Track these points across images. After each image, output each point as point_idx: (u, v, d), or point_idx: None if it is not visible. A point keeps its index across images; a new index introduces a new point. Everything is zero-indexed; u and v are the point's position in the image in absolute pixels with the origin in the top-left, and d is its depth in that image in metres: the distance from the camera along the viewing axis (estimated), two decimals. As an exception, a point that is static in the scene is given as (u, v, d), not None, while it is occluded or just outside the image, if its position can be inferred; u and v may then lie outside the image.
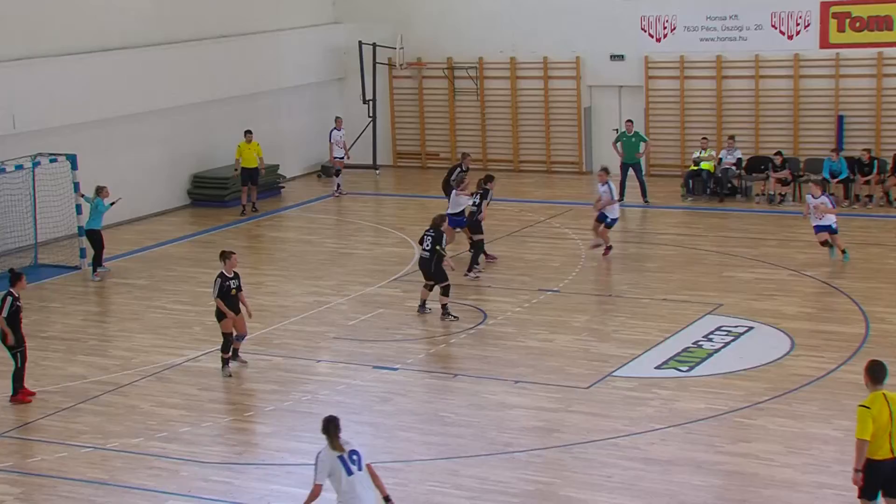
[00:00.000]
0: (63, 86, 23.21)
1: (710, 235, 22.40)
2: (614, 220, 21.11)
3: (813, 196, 19.94)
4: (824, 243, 19.90)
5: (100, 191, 20.83)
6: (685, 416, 13.65)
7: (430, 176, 27.43)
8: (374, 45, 29.76)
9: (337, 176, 27.62)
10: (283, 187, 28.21)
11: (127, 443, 13.48)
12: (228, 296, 15.53)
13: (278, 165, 28.17)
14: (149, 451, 13.18)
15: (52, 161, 21.46)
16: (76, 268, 21.46)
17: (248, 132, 25.61)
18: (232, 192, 26.18)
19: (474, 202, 20.42)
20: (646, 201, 25.15)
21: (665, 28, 27.65)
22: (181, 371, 15.90)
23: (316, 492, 9.73)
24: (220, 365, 15.81)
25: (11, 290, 14.91)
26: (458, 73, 29.80)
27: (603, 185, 21.12)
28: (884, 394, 9.74)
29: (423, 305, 18.00)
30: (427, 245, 17.76)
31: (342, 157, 27.82)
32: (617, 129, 28.29)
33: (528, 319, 17.67)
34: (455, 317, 17.64)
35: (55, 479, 12.56)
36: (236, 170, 25.57)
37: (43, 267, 21.60)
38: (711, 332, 16.62)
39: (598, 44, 28.18)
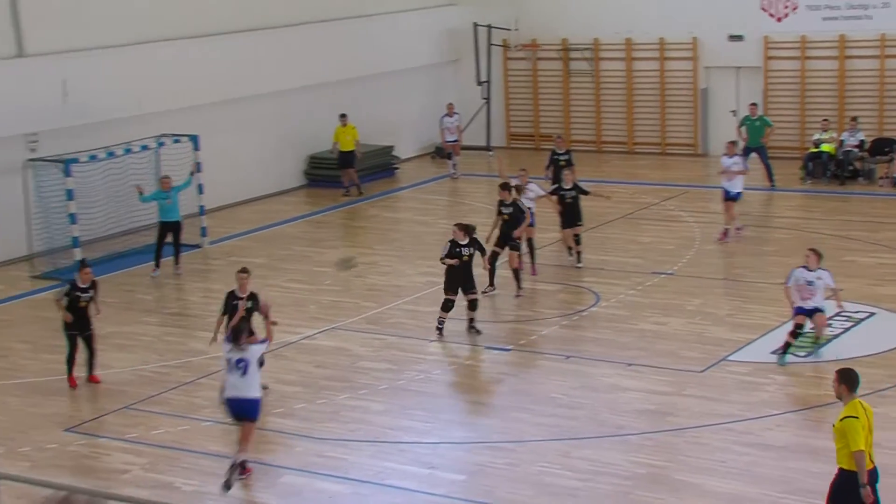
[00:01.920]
0: (185, 69, 23.69)
1: (831, 219, 21.89)
2: (739, 195, 20.65)
3: None
4: None
5: (161, 181, 20.07)
6: (802, 403, 13.40)
7: (543, 157, 27.27)
8: (489, 26, 29.71)
9: (451, 158, 27.67)
10: (398, 168, 28.40)
11: (245, 417, 13.74)
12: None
13: (393, 147, 28.37)
14: (265, 427, 13.43)
15: (175, 141, 21.94)
16: (197, 246, 21.93)
17: (342, 116, 25.64)
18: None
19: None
20: (772, 184, 24.63)
21: (786, 7, 27.01)
22: (297, 349, 16.16)
23: None
24: (333, 343, 16.02)
25: (75, 279, 15.04)
26: (573, 55, 29.58)
27: (731, 156, 20.70)
28: (860, 402, 9.45)
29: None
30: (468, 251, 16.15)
31: (456, 141, 27.85)
32: (734, 111, 27.81)
33: (641, 302, 17.51)
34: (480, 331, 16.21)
35: (177, 451, 12.89)
36: (332, 153, 25.70)
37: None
38: (831, 318, 16.24)
39: (716, 24, 27.68)
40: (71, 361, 14.96)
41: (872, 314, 16.36)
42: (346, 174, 25.76)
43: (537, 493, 11.52)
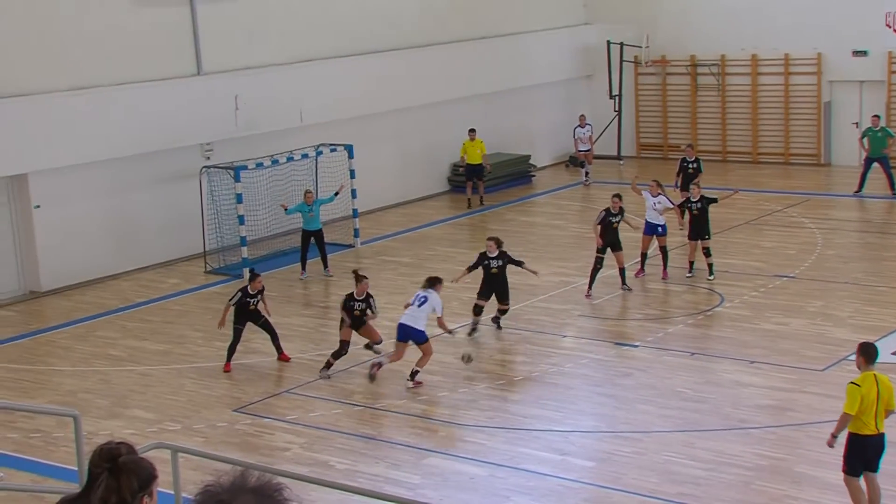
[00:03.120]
0: (341, 84, 24.14)
1: (952, 227, 21.03)
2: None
3: None
4: None
5: (305, 195, 20.21)
6: (921, 403, 12.89)
7: (672, 166, 26.92)
8: (622, 44, 29.46)
9: (583, 167, 27.47)
10: (534, 175, 28.38)
11: (392, 404, 13.97)
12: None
13: (529, 155, 28.37)
14: (411, 412, 13.62)
15: (332, 151, 22.35)
16: (350, 246, 22.33)
17: (471, 130, 25.43)
18: (488, 180, 26.42)
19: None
20: (894, 193, 23.79)
21: (910, 23, 26.05)
22: (438, 341, 16.29)
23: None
24: (473, 337, 16.14)
25: (247, 286, 15.43)
26: (701, 70, 29.10)
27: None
28: (875, 374, 9.91)
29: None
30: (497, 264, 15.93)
31: (588, 150, 27.66)
32: (857, 123, 26.96)
33: (764, 303, 17.15)
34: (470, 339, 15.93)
35: (332, 433, 13.17)
36: (461, 167, 25.49)
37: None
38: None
39: (840, 40, 26.87)
40: (232, 350, 15.42)
41: None
42: (470, 186, 25.51)
43: (663, 481, 11.41)
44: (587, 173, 27.45)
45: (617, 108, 29.87)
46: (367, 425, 13.35)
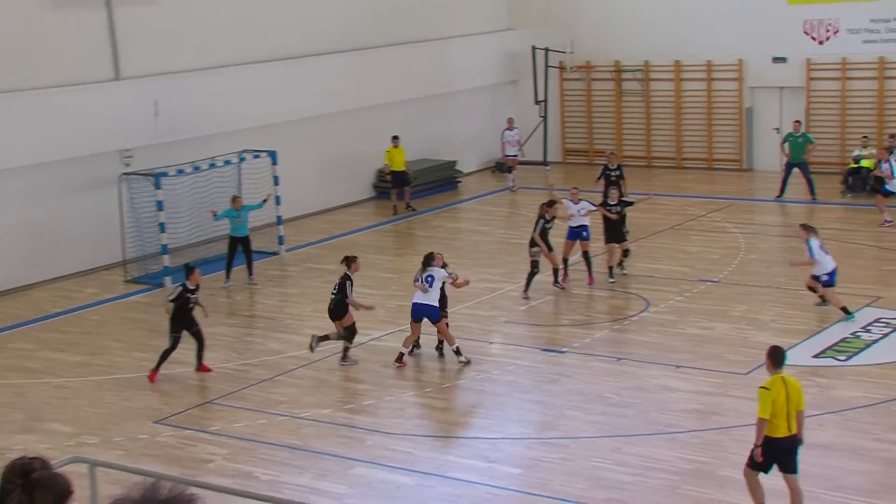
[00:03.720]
0: (265, 90, 23.95)
1: (870, 231, 21.55)
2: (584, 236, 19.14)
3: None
4: None
5: (233, 200, 20.11)
6: (843, 404, 13.21)
7: (597, 171, 27.22)
8: (546, 49, 29.69)
9: (510, 172, 27.63)
10: (460, 182, 28.45)
11: (318, 413, 13.87)
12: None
13: (455, 161, 28.43)
14: (338, 421, 13.54)
15: (255, 157, 22.15)
16: (274, 253, 22.14)
17: (394, 137, 25.40)
18: (414, 186, 26.42)
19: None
20: (814, 198, 24.29)
21: (828, 31, 26.67)
22: (366, 349, 16.25)
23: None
24: (400, 344, 16.11)
25: (185, 282, 15.25)
26: (625, 76, 29.45)
27: (885, 162, 21.36)
28: (783, 377, 10.18)
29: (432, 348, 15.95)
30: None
31: (515, 155, 27.83)
32: (777, 129, 27.53)
33: (689, 308, 17.39)
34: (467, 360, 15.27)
35: (256, 443, 13.03)
36: (387, 174, 25.45)
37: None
38: (870, 324, 16.01)
39: (761, 47, 27.40)
40: (164, 358, 15.12)
41: (910, 321, 16.09)
42: (395, 192, 25.47)
43: (590, 487, 11.49)
44: (513, 179, 27.58)
45: (542, 114, 30.09)
46: (292, 435, 13.23)
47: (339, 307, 15.58)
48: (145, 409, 14.29)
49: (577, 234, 18.98)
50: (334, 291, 15.67)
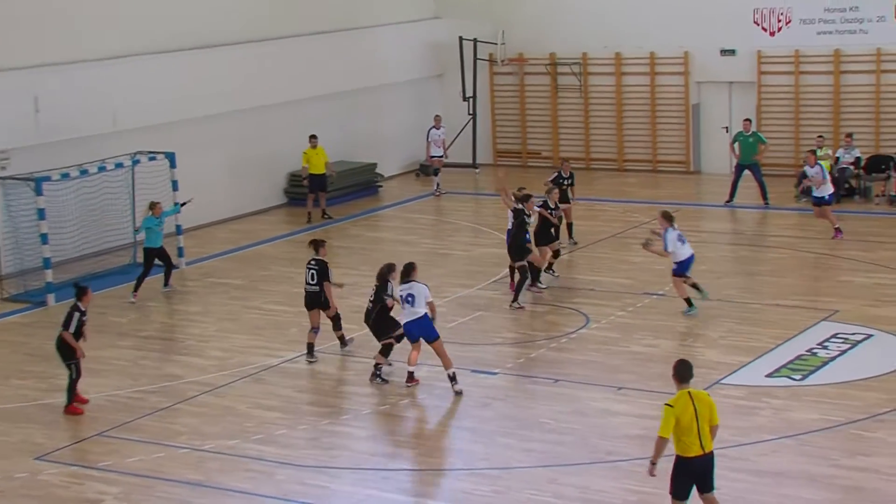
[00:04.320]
0: (162, 84, 23.71)
1: (826, 238, 21.97)
2: (832, 196, 21.76)
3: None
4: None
5: (152, 207, 20.18)
6: (799, 427, 13.43)
7: (532, 175, 27.37)
8: (475, 40, 29.83)
9: (436, 175, 27.71)
10: (381, 186, 28.44)
11: (223, 444, 13.73)
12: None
13: (376, 164, 28.42)
14: (245, 454, 13.40)
15: (151, 159, 21.92)
16: (174, 267, 21.85)
17: (312, 137, 25.33)
18: (331, 191, 26.27)
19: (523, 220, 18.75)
20: (766, 203, 24.71)
21: (779, 21, 27.22)
22: (277, 372, 16.14)
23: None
24: (315, 367, 16.04)
25: (78, 303, 14.97)
26: (561, 70, 29.70)
27: (813, 166, 21.74)
28: (689, 392, 10.33)
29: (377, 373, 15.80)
30: (371, 296, 15.81)
31: (441, 156, 27.96)
32: (727, 128, 27.97)
33: (632, 324, 17.55)
34: (385, 380, 15.55)
35: (152, 480, 12.84)
36: (305, 177, 25.38)
37: (141, 266, 22.02)
38: (827, 340, 16.32)
39: (708, 38, 27.85)
40: (74, 387, 14.85)
41: (870, 336, 16.43)
42: (312, 198, 25.39)
43: (525, 522, 11.51)
44: (438, 183, 27.65)
45: (471, 111, 30.21)
46: (193, 470, 13.08)
47: (321, 296, 16.35)
48: (24, 443, 14.01)
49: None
50: (312, 282, 16.36)
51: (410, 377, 15.25)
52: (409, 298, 14.95)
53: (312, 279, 16.45)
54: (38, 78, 21.55)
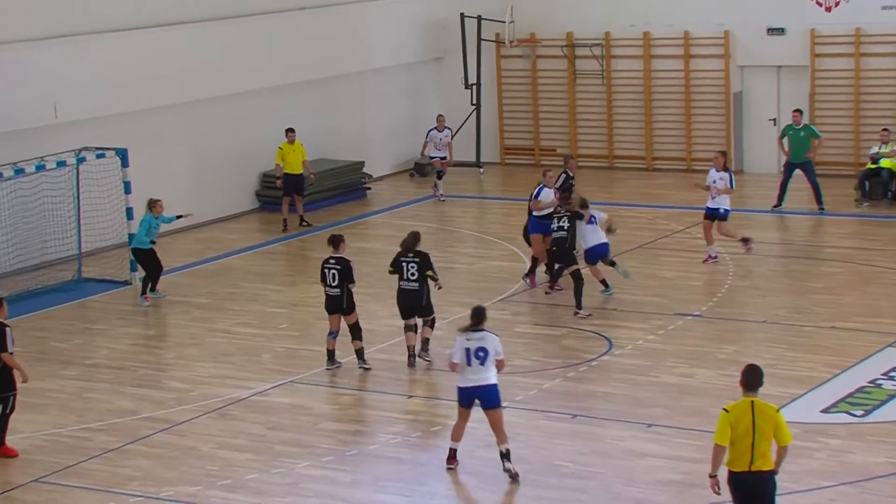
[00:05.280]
0: (112, 68, 23.75)
1: (892, 249, 21.96)
2: (727, 212, 21.42)
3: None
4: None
5: (152, 205, 20.78)
6: (861, 473, 13.39)
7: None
8: (479, 18, 29.87)
9: (439, 178, 27.55)
10: (369, 188, 28.43)
11: (183, 491, 13.69)
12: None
13: (363, 162, 28.44)
14: (209, 502, 13.37)
15: (99, 156, 21.95)
16: (126, 283, 21.89)
17: (290, 130, 25.38)
18: (309, 194, 26.26)
19: (562, 226, 19.44)
20: (821, 208, 24.68)
21: (837, -6, 27.28)
22: (247, 406, 16.11)
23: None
24: (292, 400, 16.04)
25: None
26: (581, 52, 29.73)
27: (721, 170, 21.41)
28: (752, 401, 10.66)
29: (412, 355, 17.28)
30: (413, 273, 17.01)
31: (444, 157, 27.71)
32: (774, 120, 28.00)
33: (663, 350, 17.52)
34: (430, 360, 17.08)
35: (99, 533, 12.82)
36: (278, 177, 25.43)
37: (87, 282, 22.09)
38: (893, 370, 16.28)
39: (753, 15, 27.90)
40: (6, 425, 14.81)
41: (942, 363, 16.41)
42: (288, 202, 25.42)
43: (539, 583, 11.47)
44: (437, 185, 27.58)
45: (475, 101, 30.23)
46: (147, 522, 13.06)
47: (347, 298, 16.72)
48: (-51, 491, 13.97)
49: (545, 226, 19.98)
50: (333, 283, 16.65)
51: (453, 456, 13.94)
52: (480, 354, 13.41)
53: (334, 280, 16.74)
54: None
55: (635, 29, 29.19)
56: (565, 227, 19.36)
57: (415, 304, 17.14)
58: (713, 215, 21.49)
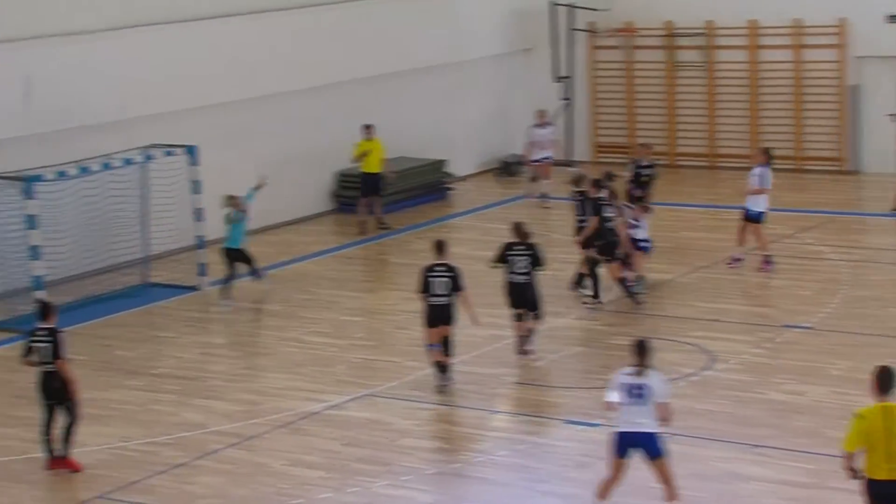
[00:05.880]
0: (181, 61, 23.98)
1: None
2: (761, 214, 21.15)
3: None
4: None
5: (233, 202, 21.32)
6: None
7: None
8: (571, 6, 29.83)
9: (534, 181, 27.35)
10: (452, 189, 28.48)
11: (260, 508, 13.81)
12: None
13: (445, 161, 28.49)
14: (280, 522, 13.48)
15: (167, 154, 22.14)
16: (194, 288, 22.10)
17: (368, 126, 25.49)
18: (388, 195, 26.35)
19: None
20: None
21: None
22: (321, 421, 16.19)
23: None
24: (368, 414, 16.12)
25: (54, 326, 14.96)
26: (681, 42, 29.60)
27: (763, 165, 21.45)
28: (885, 406, 10.72)
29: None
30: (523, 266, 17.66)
31: (547, 158, 27.41)
32: (894, 115, 27.66)
33: (770, 364, 17.39)
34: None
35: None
36: (356, 178, 25.69)
37: (154, 287, 22.31)
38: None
39: (871, 1, 27.59)
40: (47, 434, 15.00)
41: None
42: (366, 203, 25.61)
43: None
44: (530, 186, 27.46)
45: (566, 95, 30.19)
46: (216, 543, 13.16)
47: (454, 309, 16.73)
48: (7, 511, 14.23)
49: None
50: (441, 292, 16.57)
51: None
52: (638, 391, 12.58)
53: (443, 289, 16.69)
54: (28, 54, 21.89)
55: (741, 17, 29.00)
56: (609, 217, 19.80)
57: (525, 297, 17.65)
58: (749, 216, 21.56)
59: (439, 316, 16.80)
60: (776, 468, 14.23)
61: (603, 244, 19.70)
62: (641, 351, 12.76)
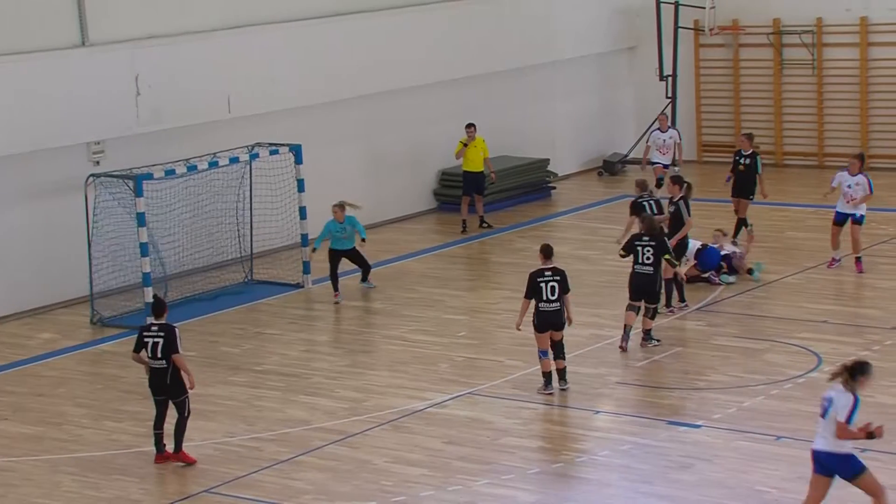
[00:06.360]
0: (286, 60, 24.18)
1: None
2: (863, 217, 21.16)
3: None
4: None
5: (336, 211, 21.46)
6: None
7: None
8: (677, 3, 29.64)
9: (658, 186, 27.15)
10: (554, 188, 28.43)
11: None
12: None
13: (548, 160, 28.45)
14: (384, 519, 13.56)
15: (272, 153, 22.30)
16: (297, 285, 22.28)
17: (470, 126, 25.45)
18: (490, 194, 26.39)
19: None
20: None
21: None
22: (423, 419, 16.26)
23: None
24: (471, 413, 16.16)
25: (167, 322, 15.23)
26: (789, 40, 29.29)
27: (855, 174, 21.26)
28: None
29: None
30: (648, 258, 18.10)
31: (668, 165, 26.96)
32: None
33: (879, 367, 17.06)
34: (657, 340, 18.23)
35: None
36: (457, 176, 25.70)
37: (258, 284, 22.52)
38: None
39: None
40: (158, 429, 15.24)
41: None
42: (468, 202, 25.59)
43: None
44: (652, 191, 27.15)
45: (670, 94, 30.01)
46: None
47: (561, 314, 16.70)
48: (118, 500, 14.41)
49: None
50: (552, 297, 16.55)
51: None
52: (825, 405, 12.41)
53: (553, 294, 16.60)
54: (140, 54, 22.16)
55: (851, 14, 28.62)
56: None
57: (648, 289, 18.07)
58: (845, 220, 21.29)
59: (550, 321, 16.71)
60: (886, 473, 14.00)
61: (676, 246, 19.73)
62: (851, 372, 12.61)
